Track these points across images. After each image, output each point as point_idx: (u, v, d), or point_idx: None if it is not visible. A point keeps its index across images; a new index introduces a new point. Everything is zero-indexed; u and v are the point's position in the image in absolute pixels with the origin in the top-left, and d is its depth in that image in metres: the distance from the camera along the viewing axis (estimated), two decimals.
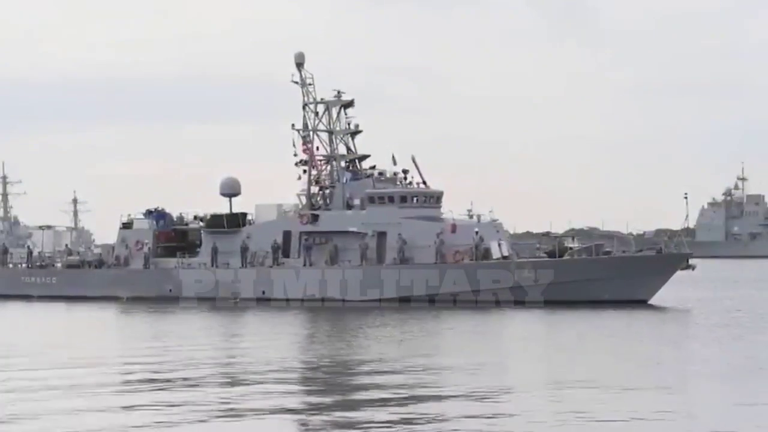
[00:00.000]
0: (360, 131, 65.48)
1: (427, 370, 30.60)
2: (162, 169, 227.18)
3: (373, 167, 65.15)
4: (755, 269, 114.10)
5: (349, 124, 65.42)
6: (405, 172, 63.58)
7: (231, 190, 68.19)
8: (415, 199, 62.59)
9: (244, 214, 67.24)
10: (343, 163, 65.03)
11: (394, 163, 64.12)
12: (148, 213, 69.97)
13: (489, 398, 25.46)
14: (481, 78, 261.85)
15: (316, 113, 65.32)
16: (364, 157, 65.48)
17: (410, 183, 63.53)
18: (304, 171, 65.02)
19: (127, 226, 70.23)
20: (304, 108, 65.42)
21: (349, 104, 65.29)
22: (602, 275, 57.69)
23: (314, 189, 65.08)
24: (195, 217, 70.32)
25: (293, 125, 65.03)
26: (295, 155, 64.83)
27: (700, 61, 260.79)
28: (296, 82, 65.54)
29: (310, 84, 65.47)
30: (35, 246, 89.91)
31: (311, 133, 65.09)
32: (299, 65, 65.62)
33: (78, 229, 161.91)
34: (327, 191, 64.80)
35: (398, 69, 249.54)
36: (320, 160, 65.23)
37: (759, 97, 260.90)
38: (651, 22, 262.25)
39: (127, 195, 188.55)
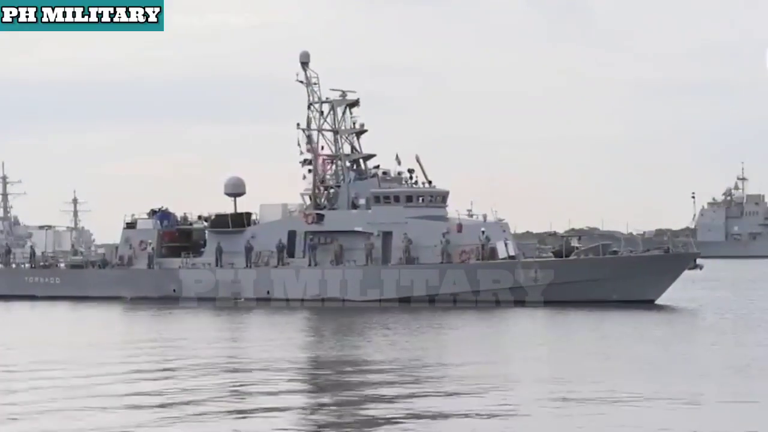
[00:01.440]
0: (365, 131, 65.23)
1: (425, 372, 30.42)
2: (164, 169, 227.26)
3: (377, 167, 64.95)
4: (756, 269, 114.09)
5: (354, 124, 65.19)
6: (410, 171, 63.38)
7: (235, 190, 67.91)
8: (420, 198, 62.37)
9: (249, 214, 66.95)
10: (347, 163, 64.82)
11: (398, 162, 64.09)
12: (152, 213, 69.52)
13: (490, 401, 25.31)
14: (483, 78, 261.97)
15: (321, 113, 65.11)
16: (370, 156, 65.23)
17: (415, 182, 63.34)
18: (309, 171, 64.80)
19: (131, 225, 69.75)
20: (309, 107, 65.19)
21: (355, 104, 65.04)
22: (609, 275, 57.50)
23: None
24: (199, 217, 69.95)
25: (298, 125, 64.78)
26: (301, 154, 64.74)
27: (700, 61, 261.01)
28: (301, 82, 65.25)
29: (315, 83, 65.26)
30: (36, 246, 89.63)
31: (316, 132, 64.90)
32: (304, 64, 65.34)
33: (78, 229, 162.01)
34: (332, 191, 64.57)
35: (400, 69, 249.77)
36: (325, 160, 65.00)
37: (759, 97, 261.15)
38: (651, 21, 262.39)
39: (128, 195, 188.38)
